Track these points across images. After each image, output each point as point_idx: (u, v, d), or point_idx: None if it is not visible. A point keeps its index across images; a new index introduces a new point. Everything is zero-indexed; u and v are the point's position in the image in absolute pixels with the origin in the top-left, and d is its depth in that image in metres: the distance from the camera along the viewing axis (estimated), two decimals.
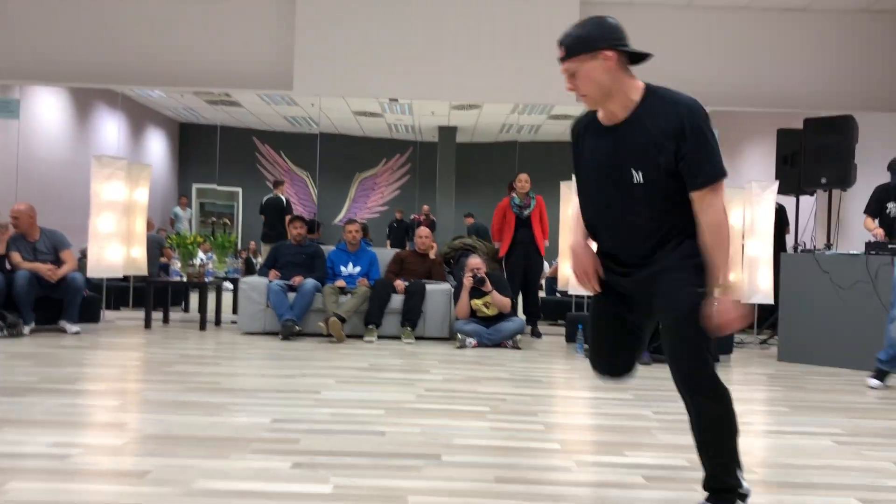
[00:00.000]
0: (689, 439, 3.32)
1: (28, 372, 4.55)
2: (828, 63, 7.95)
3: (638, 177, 2.25)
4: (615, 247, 2.40)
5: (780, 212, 8.22)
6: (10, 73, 7.93)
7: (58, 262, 6.66)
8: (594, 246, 2.49)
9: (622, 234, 2.35)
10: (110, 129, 11.46)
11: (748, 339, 7.56)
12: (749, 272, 7.37)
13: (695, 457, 3.03)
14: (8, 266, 6.47)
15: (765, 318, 7.93)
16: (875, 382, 5.02)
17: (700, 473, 2.80)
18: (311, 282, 6.86)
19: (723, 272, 2.23)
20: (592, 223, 2.45)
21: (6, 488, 2.39)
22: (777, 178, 7.71)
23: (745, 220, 7.56)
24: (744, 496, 2.30)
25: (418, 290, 6.88)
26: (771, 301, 7.31)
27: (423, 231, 7.41)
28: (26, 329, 6.29)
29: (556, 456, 3.03)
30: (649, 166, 2.24)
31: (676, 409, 4.06)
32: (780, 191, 7.61)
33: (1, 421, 3.28)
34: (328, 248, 7.48)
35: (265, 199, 10.84)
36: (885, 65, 7.91)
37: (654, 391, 4.66)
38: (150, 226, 9.47)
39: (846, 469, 2.99)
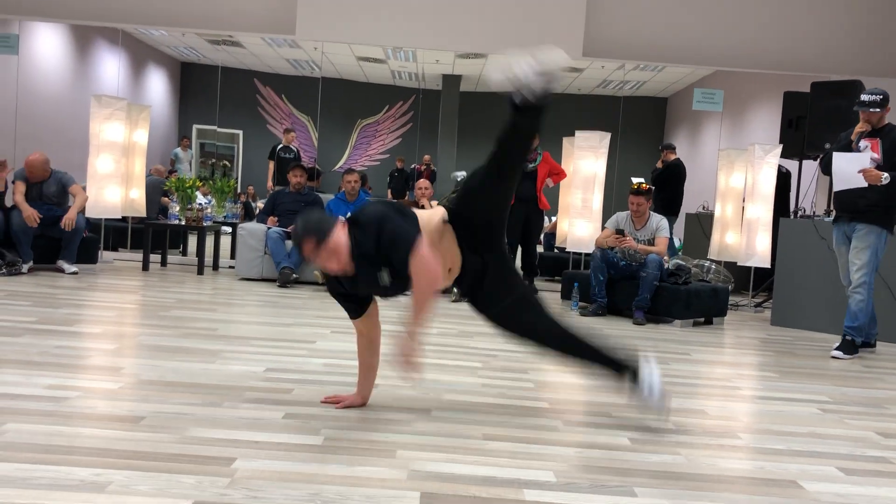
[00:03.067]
0: (676, 402, 3.38)
1: (26, 311, 4.59)
2: (838, 26, 7.84)
3: None
4: None
5: (786, 176, 8.19)
6: (9, 7, 7.81)
7: (65, 200, 6.64)
8: None
9: None
10: (111, 67, 11.33)
11: (743, 302, 7.61)
12: (747, 235, 7.38)
13: (681, 419, 3.09)
14: (7, 204, 6.47)
15: (761, 282, 7.98)
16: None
17: (685, 437, 2.86)
18: None
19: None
20: None
21: (4, 428, 2.43)
22: (781, 141, 7.67)
23: (747, 182, 7.54)
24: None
25: None
26: (768, 265, 7.34)
27: (422, 183, 7.38)
28: (25, 267, 6.32)
29: (544, 415, 3.08)
30: None
31: (665, 371, 4.11)
32: (784, 154, 7.58)
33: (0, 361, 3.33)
34: (327, 197, 7.47)
35: (279, 146, 10.67)
36: None
37: (646, 352, 4.71)
38: (159, 172, 9.45)
39: (829, 437, 3.04)
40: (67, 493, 1.98)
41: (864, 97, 4.99)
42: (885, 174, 4.80)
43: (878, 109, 4.91)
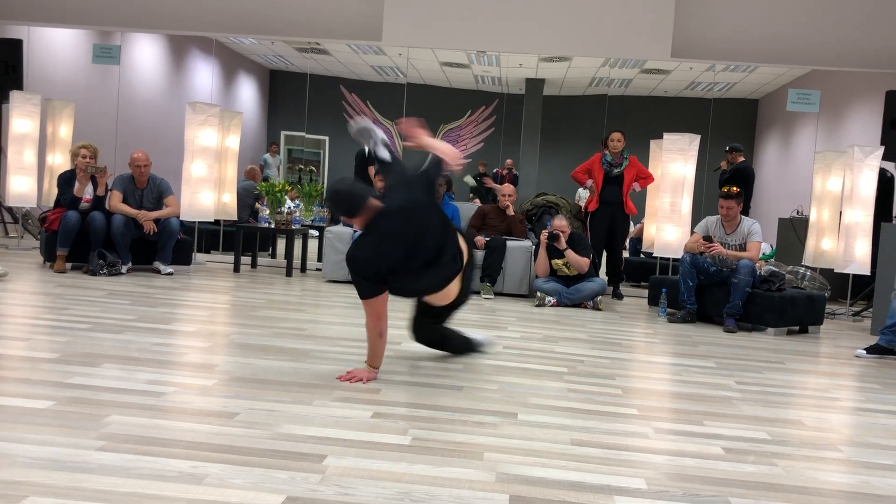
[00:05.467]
0: (771, 412, 3.27)
1: (126, 310, 4.79)
2: None
3: None
4: None
5: (890, 180, 7.82)
6: (111, 20, 8.19)
7: (161, 207, 6.90)
8: None
9: None
10: (204, 75, 11.75)
11: (840, 311, 7.30)
12: (845, 241, 7.08)
13: (776, 429, 2.98)
14: (107, 207, 6.77)
15: (859, 290, 7.64)
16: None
17: (782, 447, 2.75)
18: None
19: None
20: None
21: (108, 420, 2.54)
22: (883, 143, 7.32)
23: (844, 185, 7.23)
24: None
25: (499, 246, 6.88)
26: (867, 272, 7.01)
27: (506, 188, 7.36)
28: (124, 268, 6.60)
29: (633, 421, 3.02)
30: None
31: (758, 380, 3.98)
32: (886, 157, 7.23)
33: (103, 356, 3.48)
34: None
35: (367, 151, 10.89)
36: None
37: (738, 360, 4.57)
38: (254, 172, 9.73)
39: None
40: (167, 483, 2.05)
41: None
42: None
43: None
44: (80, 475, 2.07)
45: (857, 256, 7.01)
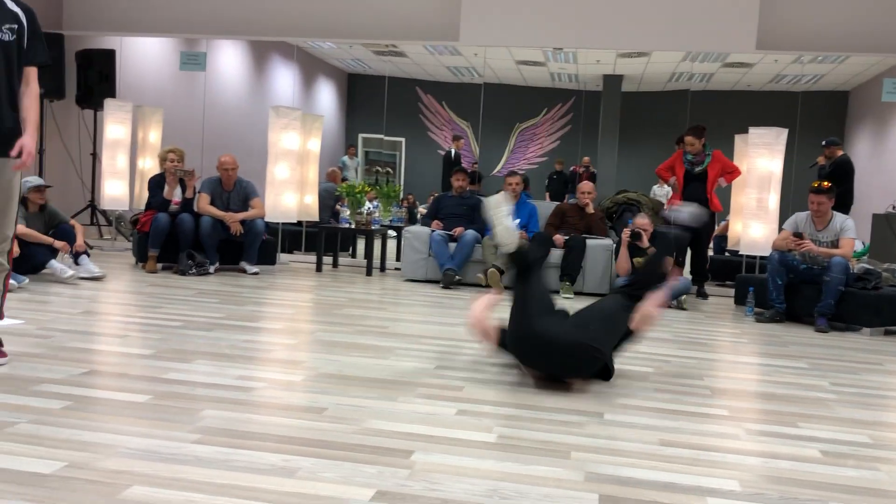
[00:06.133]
0: (870, 414, 3.13)
1: (215, 308, 4.94)
2: None
3: None
4: None
5: None
6: (197, 27, 8.47)
7: (246, 209, 7.09)
8: None
9: None
10: (285, 79, 12.02)
11: None
12: None
13: (878, 433, 2.85)
14: (196, 209, 6.99)
15: None
16: None
17: (884, 451, 2.63)
18: (471, 233, 6.95)
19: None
20: None
21: (203, 414, 2.62)
22: None
23: None
24: None
25: (578, 245, 6.80)
26: None
27: (585, 186, 7.27)
28: (211, 269, 6.80)
29: (723, 422, 2.94)
30: None
31: (855, 382, 3.82)
32: None
33: (195, 353, 3.60)
34: None
35: (452, 151, 11.22)
36: None
37: (831, 361, 4.39)
38: (335, 174, 9.92)
39: None
40: (262, 476, 2.10)
41: None
42: None
43: None
44: (178, 466, 2.14)
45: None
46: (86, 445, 2.26)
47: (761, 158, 7.10)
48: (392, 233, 9.16)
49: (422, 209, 11.69)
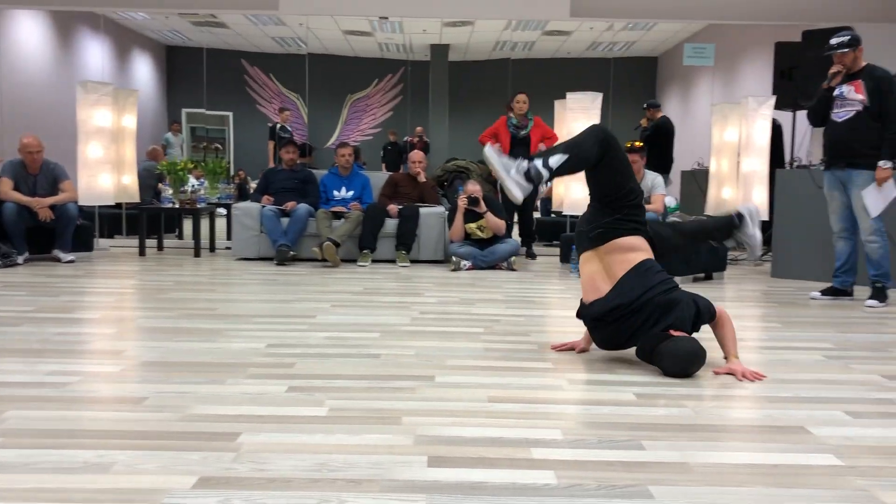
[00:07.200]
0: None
1: (24, 301, 4.56)
2: None
3: None
4: None
5: (778, 129, 8.12)
6: None
7: (56, 193, 6.58)
8: None
9: None
10: (94, 53, 11.20)
11: (742, 256, 7.60)
12: (744, 188, 7.35)
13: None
14: None
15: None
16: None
17: (691, 389, 2.85)
18: (304, 207, 6.82)
19: None
20: None
21: (4, 416, 2.42)
22: (774, 92, 7.60)
23: (741, 136, 7.49)
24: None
25: (412, 214, 6.86)
26: (766, 217, 7.31)
27: (415, 155, 7.32)
28: (20, 259, 6.28)
29: (548, 375, 3.07)
30: None
31: None
32: (777, 105, 7.51)
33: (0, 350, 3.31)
34: (320, 173, 7.42)
35: (277, 125, 10.84)
36: None
37: None
38: (156, 152, 9.38)
39: (834, 383, 3.03)
40: (71, 475, 1.97)
41: (832, 40, 5.01)
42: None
43: (847, 50, 4.91)
44: None
45: (755, 203, 7.29)
46: None
47: (578, 122, 7.42)
48: (221, 211, 8.84)
49: (254, 185, 11.35)
